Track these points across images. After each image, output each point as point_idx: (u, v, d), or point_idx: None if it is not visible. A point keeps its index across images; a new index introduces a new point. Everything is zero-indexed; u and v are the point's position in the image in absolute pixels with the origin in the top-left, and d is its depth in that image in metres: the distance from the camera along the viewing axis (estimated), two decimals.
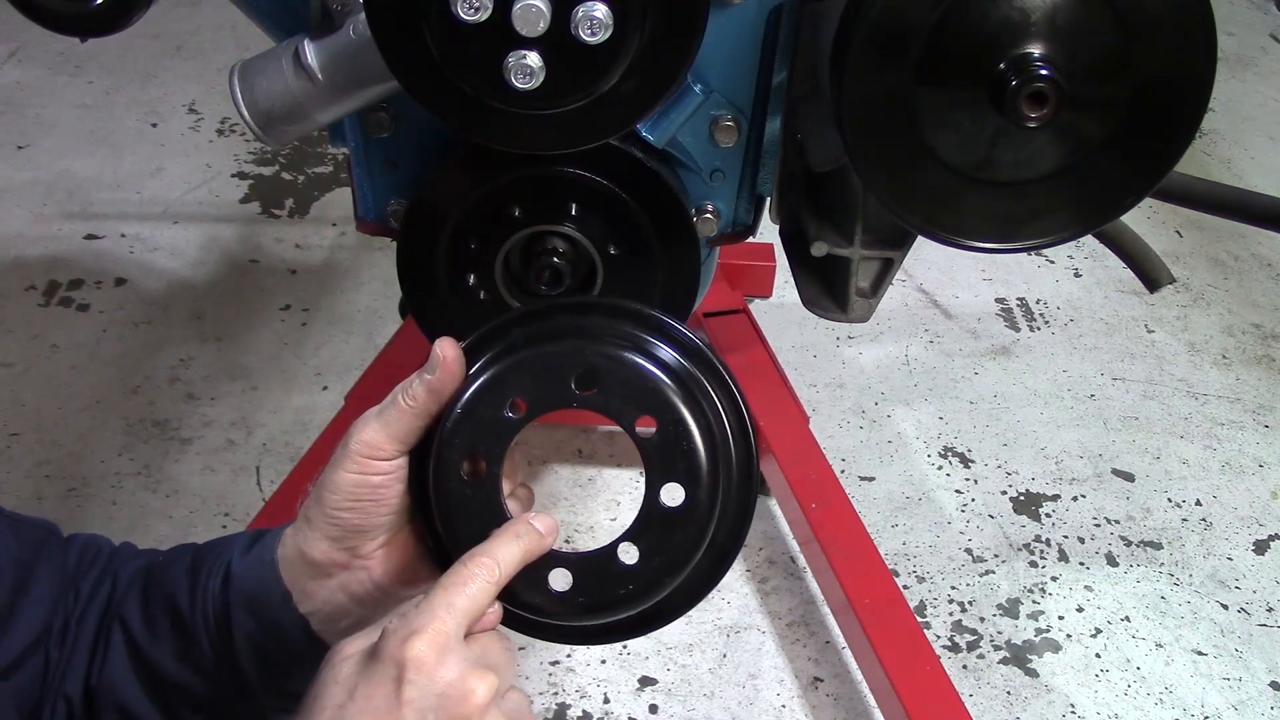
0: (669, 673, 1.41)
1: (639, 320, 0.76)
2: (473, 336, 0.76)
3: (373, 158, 1.04)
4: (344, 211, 2.14)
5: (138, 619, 0.72)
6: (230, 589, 0.72)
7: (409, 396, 0.72)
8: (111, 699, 0.72)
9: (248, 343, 1.84)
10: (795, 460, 1.47)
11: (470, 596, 0.66)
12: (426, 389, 0.71)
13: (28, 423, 1.66)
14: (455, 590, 0.66)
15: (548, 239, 1.01)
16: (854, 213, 1.06)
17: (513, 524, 0.72)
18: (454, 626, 0.64)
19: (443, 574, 0.68)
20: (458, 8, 0.73)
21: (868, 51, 0.78)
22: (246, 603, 0.72)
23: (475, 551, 0.69)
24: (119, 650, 0.72)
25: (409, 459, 0.73)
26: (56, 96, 2.45)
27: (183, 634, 0.72)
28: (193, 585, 0.72)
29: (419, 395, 0.71)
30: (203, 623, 0.72)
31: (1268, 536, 1.65)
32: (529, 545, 0.71)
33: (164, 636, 0.72)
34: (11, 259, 1.99)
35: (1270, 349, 2.02)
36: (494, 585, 0.67)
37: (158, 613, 0.72)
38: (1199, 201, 1.12)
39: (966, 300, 2.07)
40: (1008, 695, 1.41)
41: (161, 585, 0.73)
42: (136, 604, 0.72)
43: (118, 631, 0.72)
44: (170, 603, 0.72)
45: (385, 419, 0.71)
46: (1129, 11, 0.76)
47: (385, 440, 0.71)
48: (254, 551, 0.73)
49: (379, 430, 0.71)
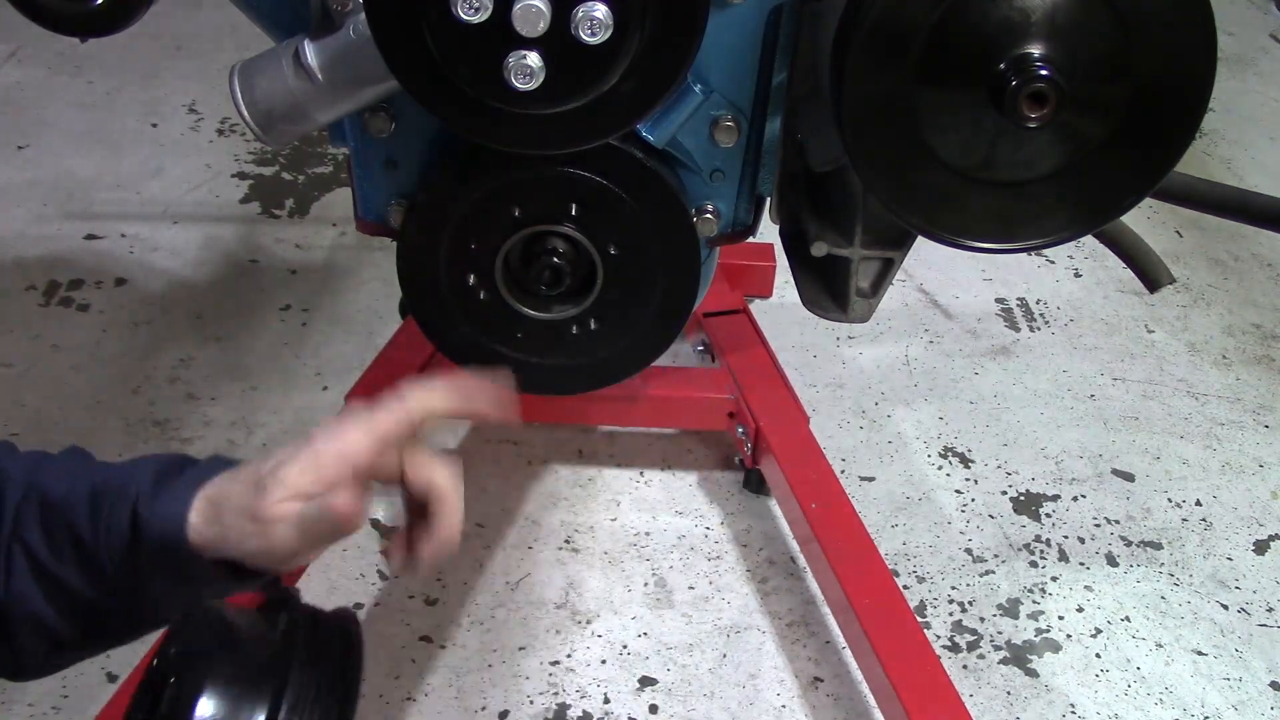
0: (669, 673, 1.41)
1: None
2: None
3: (373, 158, 1.04)
4: (344, 211, 2.14)
5: (40, 543, 0.73)
6: (140, 532, 0.72)
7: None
8: (22, 611, 0.73)
9: (248, 343, 1.84)
10: (795, 460, 1.47)
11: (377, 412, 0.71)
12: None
13: (28, 423, 1.66)
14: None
15: (548, 239, 1.01)
16: (854, 213, 1.06)
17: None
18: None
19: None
20: (458, 8, 0.73)
21: (868, 51, 0.78)
22: (156, 546, 0.72)
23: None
24: (22, 568, 0.73)
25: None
26: (56, 96, 2.45)
27: (87, 561, 0.73)
28: (94, 521, 0.73)
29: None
30: (107, 554, 0.72)
31: (1268, 536, 1.65)
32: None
33: (68, 561, 0.73)
34: (11, 259, 1.99)
35: (1270, 349, 2.02)
36: (403, 410, 0.72)
37: (60, 541, 0.73)
38: (1199, 201, 1.12)
39: (966, 300, 2.07)
40: (1008, 695, 1.41)
41: (63, 514, 0.73)
42: (37, 528, 0.73)
43: (20, 554, 0.73)
44: (72, 533, 0.73)
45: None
46: (1129, 11, 0.76)
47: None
48: (163, 502, 0.73)
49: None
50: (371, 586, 1.48)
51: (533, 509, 1.60)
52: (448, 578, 1.50)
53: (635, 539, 1.57)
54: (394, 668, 1.39)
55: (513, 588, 1.49)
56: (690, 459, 1.70)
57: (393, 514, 1.58)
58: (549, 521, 1.59)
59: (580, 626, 1.45)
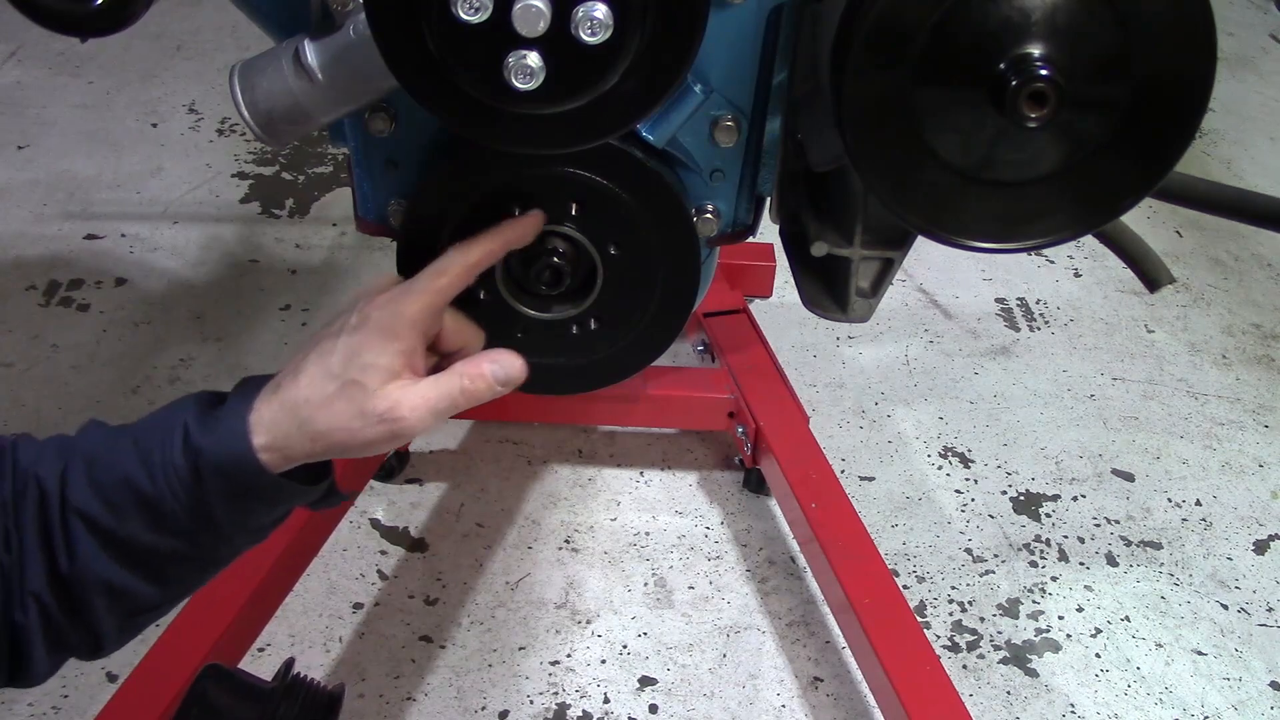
0: (669, 673, 1.41)
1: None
2: None
3: (373, 157, 1.04)
4: (344, 211, 2.14)
5: (97, 507, 0.72)
6: (199, 459, 0.72)
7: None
8: (93, 580, 0.73)
9: (248, 343, 1.84)
10: (795, 460, 1.47)
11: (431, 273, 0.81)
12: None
13: (28, 423, 1.66)
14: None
15: (548, 239, 1.01)
16: (854, 213, 1.06)
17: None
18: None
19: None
20: (458, 8, 0.73)
21: (868, 51, 0.78)
22: (217, 470, 0.72)
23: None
24: (85, 540, 0.72)
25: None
26: (56, 96, 2.45)
27: (149, 508, 0.72)
28: (146, 462, 0.72)
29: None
30: (169, 493, 0.72)
31: (1268, 536, 1.66)
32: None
33: (131, 515, 0.72)
34: (11, 259, 1.99)
35: (1270, 349, 2.02)
36: (462, 265, 0.82)
37: (117, 496, 0.72)
38: (1199, 201, 1.12)
39: (966, 300, 2.07)
40: (1008, 695, 1.41)
41: (110, 470, 0.73)
42: (89, 492, 0.72)
43: (78, 523, 0.72)
44: (129, 484, 0.72)
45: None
46: (1129, 11, 0.76)
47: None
48: (219, 428, 0.73)
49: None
50: (371, 586, 1.48)
51: (533, 509, 1.60)
52: (448, 578, 1.50)
53: (635, 539, 1.57)
54: (394, 668, 1.39)
55: (513, 588, 1.49)
56: (690, 459, 1.70)
57: (393, 514, 1.58)
58: (549, 521, 1.59)
59: (580, 626, 1.45)
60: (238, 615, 1.22)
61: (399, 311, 0.77)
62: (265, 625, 1.34)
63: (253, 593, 1.24)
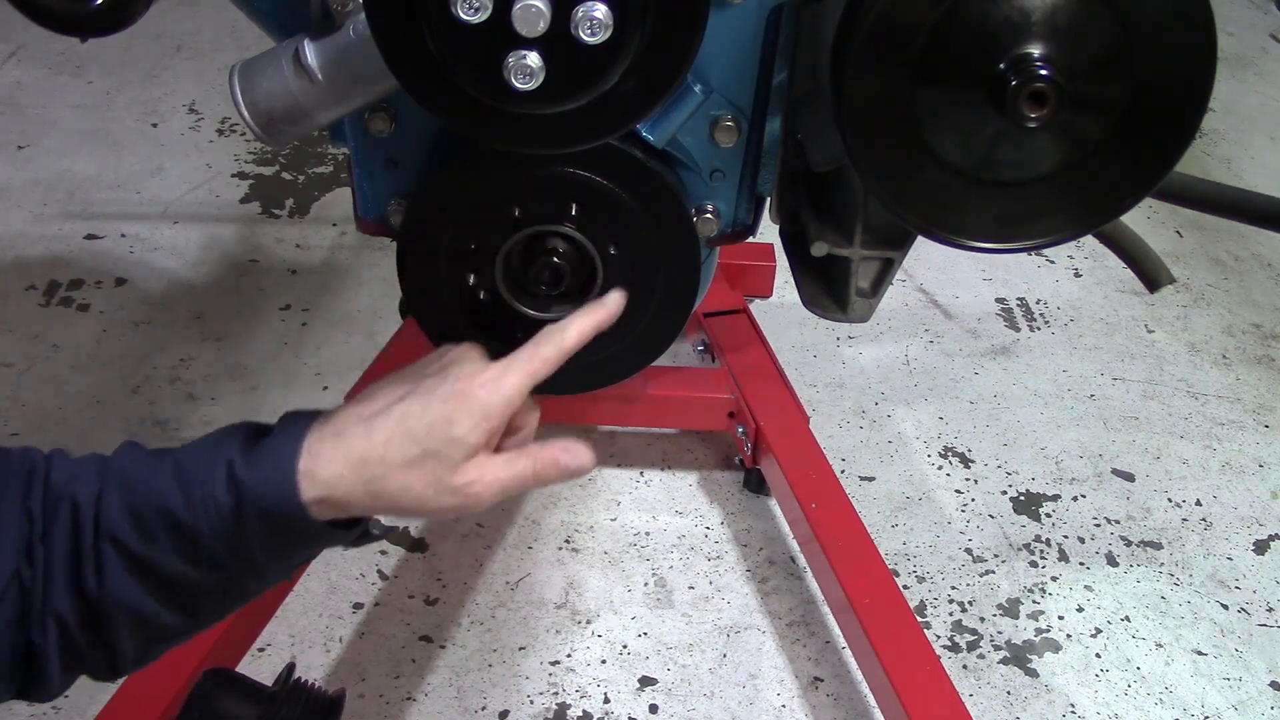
0: (669, 673, 1.41)
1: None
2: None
3: (373, 158, 1.04)
4: (344, 211, 2.14)
5: (130, 534, 0.71)
6: (242, 497, 0.71)
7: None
8: (119, 605, 0.72)
9: (248, 343, 1.84)
10: (795, 460, 1.47)
11: (529, 358, 0.78)
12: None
13: (28, 423, 1.66)
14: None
15: (548, 239, 1.01)
16: (854, 213, 1.06)
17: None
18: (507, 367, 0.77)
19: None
20: (458, 8, 0.73)
21: (868, 52, 0.79)
22: (261, 513, 0.71)
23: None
24: (115, 565, 0.71)
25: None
26: (56, 96, 2.45)
27: (185, 539, 0.71)
28: (187, 493, 0.71)
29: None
30: (208, 527, 0.71)
31: (1268, 536, 1.66)
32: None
33: (164, 545, 0.71)
34: (11, 259, 1.99)
35: (1270, 349, 2.02)
36: (557, 351, 0.79)
37: (152, 524, 0.71)
38: (1199, 201, 1.12)
39: (966, 300, 2.07)
40: (1008, 695, 1.41)
41: (149, 497, 0.72)
42: (123, 518, 0.71)
43: (109, 548, 0.71)
44: (166, 513, 0.71)
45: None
46: (1129, 11, 0.76)
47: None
48: (267, 462, 0.72)
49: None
50: (371, 586, 1.48)
51: (533, 509, 1.60)
52: (448, 578, 1.50)
53: (635, 539, 1.57)
54: (394, 668, 1.39)
55: (513, 588, 1.49)
56: (690, 459, 1.70)
57: None
58: (549, 521, 1.59)
59: (580, 626, 1.45)
60: (238, 615, 1.22)
61: (497, 393, 0.76)
62: (265, 625, 1.34)
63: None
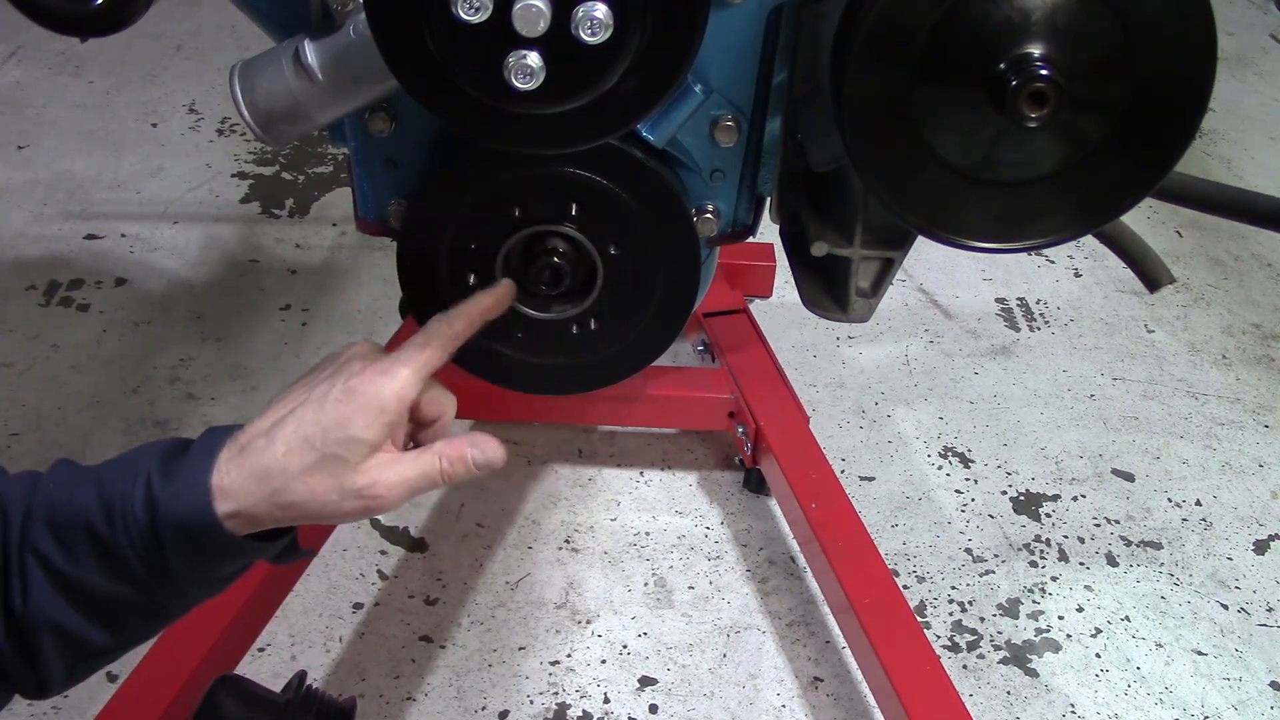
0: (669, 673, 1.41)
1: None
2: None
3: (373, 157, 1.04)
4: (344, 211, 2.14)
5: (52, 548, 0.71)
6: (157, 513, 0.71)
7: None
8: (44, 621, 0.72)
9: (248, 343, 1.84)
10: (795, 460, 1.47)
11: (420, 346, 0.79)
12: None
13: (28, 423, 1.66)
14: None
15: (548, 239, 1.01)
16: (854, 213, 1.06)
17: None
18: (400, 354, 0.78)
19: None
20: (458, 8, 0.73)
21: (868, 52, 0.79)
22: (176, 527, 0.71)
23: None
24: (40, 579, 0.71)
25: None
26: (56, 96, 2.45)
27: (106, 555, 0.71)
28: (107, 509, 0.71)
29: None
30: (126, 542, 0.71)
31: (1268, 536, 1.66)
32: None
33: (86, 560, 0.72)
34: (11, 259, 1.99)
35: (1270, 349, 2.02)
36: (447, 339, 0.81)
37: (74, 540, 0.71)
38: (1199, 201, 1.12)
39: (966, 300, 2.07)
40: (1008, 695, 1.41)
41: (69, 512, 0.72)
42: (46, 533, 0.72)
43: (34, 564, 0.71)
44: (87, 529, 0.71)
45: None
46: (1129, 11, 0.76)
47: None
48: (181, 478, 0.72)
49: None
50: (371, 586, 1.48)
51: (533, 509, 1.60)
52: (448, 578, 1.50)
53: (635, 539, 1.57)
54: (394, 668, 1.39)
55: (513, 588, 1.50)
56: (690, 459, 1.70)
57: (392, 513, 1.58)
58: (549, 521, 1.59)
59: (580, 626, 1.45)
60: (238, 615, 1.22)
61: (388, 386, 0.75)
62: (265, 625, 1.34)
63: (253, 592, 1.24)
